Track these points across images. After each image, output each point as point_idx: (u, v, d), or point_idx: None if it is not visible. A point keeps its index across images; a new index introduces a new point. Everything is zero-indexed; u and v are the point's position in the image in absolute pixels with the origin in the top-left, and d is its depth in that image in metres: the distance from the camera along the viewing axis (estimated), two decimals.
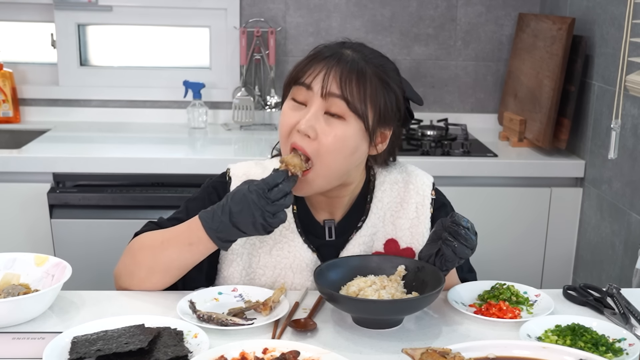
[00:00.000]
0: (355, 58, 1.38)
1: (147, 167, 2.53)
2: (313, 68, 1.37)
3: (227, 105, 3.10)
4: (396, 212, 1.52)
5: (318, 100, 1.35)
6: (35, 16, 3.04)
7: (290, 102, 1.40)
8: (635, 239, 2.28)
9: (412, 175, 1.54)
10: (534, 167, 2.66)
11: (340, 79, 1.34)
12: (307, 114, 1.35)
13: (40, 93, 3.06)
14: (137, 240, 1.47)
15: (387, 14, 3.09)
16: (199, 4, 3.04)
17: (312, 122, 1.34)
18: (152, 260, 1.42)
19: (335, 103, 1.35)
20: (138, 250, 1.44)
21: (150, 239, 1.45)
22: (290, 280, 1.50)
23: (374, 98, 1.37)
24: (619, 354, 1.23)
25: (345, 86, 1.34)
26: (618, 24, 2.39)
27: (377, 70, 1.39)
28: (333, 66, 1.35)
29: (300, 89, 1.37)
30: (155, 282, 1.44)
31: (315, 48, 1.42)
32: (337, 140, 1.35)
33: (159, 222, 1.52)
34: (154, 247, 1.42)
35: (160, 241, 1.42)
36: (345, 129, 1.36)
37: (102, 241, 2.47)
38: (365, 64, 1.38)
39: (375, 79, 1.38)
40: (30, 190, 2.50)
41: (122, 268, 1.47)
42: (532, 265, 2.73)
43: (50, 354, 1.16)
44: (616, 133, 2.12)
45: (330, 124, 1.36)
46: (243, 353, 1.15)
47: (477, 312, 1.38)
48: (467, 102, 3.20)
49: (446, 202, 1.58)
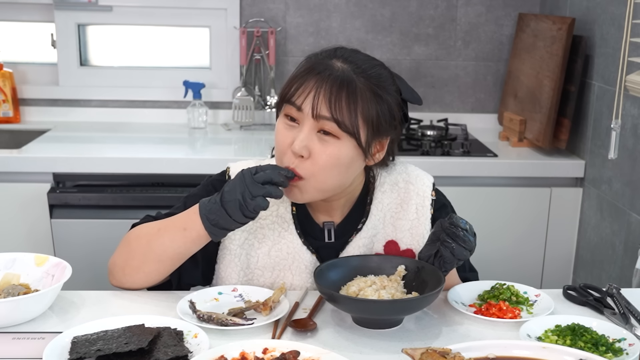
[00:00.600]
0: (345, 71, 1.35)
1: (147, 167, 2.53)
2: (303, 87, 1.35)
3: (227, 105, 3.10)
4: (396, 213, 1.52)
5: (310, 120, 1.35)
6: (35, 16, 3.04)
7: (283, 119, 1.39)
8: (635, 239, 2.28)
9: (412, 176, 1.54)
10: (534, 167, 2.66)
11: (330, 100, 1.33)
12: (300, 133, 1.35)
13: (40, 93, 3.06)
14: (134, 230, 1.48)
15: (387, 14, 3.09)
16: (199, 4, 3.04)
17: (306, 142, 1.34)
18: (147, 248, 1.41)
19: (326, 124, 1.34)
20: (134, 239, 1.45)
21: (147, 228, 1.45)
22: (289, 281, 1.50)
23: (365, 113, 1.35)
24: (619, 354, 1.23)
25: (335, 107, 1.33)
26: (618, 24, 2.39)
27: (368, 83, 1.36)
28: (322, 85, 1.34)
29: (292, 108, 1.37)
30: (148, 272, 1.43)
31: (307, 60, 1.41)
32: (331, 158, 1.34)
33: (157, 216, 1.53)
34: (150, 235, 1.42)
35: (157, 229, 1.42)
36: (339, 147, 1.35)
37: (102, 241, 2.47)
38: (355, 76, 1.35)
39: (366, 92, 1.35)
40: (30, 190, 2.50)
41: (116, 257, 1.47)
42: (532, 265, 2.73)
43: (50, 354, 1.16)
44: (616, 133, 2.12)
45: (323, 142, 1.34)
46: (243, 353, 1.15)
47: (477, 312, 1.38)
48: (467, 102, 3.20)
49: (446, 203, 1.58)
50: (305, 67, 1.39)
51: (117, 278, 1.47)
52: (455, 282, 1.51)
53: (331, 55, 1.40)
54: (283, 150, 1.37)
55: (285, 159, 1.37)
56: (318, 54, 1.42)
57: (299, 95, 1.35)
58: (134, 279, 1.44)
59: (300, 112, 1.35)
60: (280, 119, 1.40)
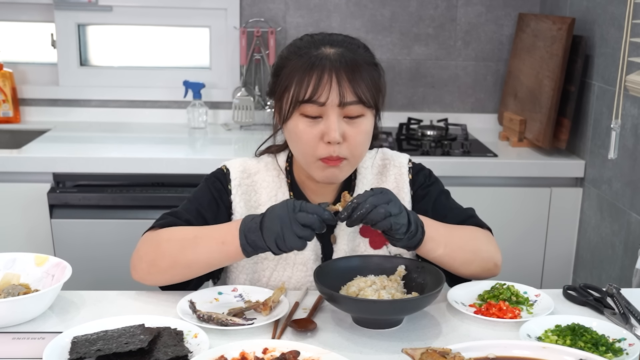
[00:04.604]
0: (344, 54, 1.41)
1: (147, 167, 2.53)
2: (318, 84, 1.38)
3: (227, 105, 3.10)
4: (378, 184, 1.57)
5: (335, 110, 1.39)
6: (35, 16, 3.05)
7: (302, 118, 1.41)
8: (635, 239, 2.28)
9: (388, 154, 1.63)
10: (534, 167, 2.66)
11: (352, 84, 1.39)
12: (329, 124, 1.39)
13: (40, 93, 3.06)
14: (165, 231, 1.45)
15: (387, 14, 3.09)
16: (199, 4, 3.04)
17: (340, 130, 1.40)
18: (179, 252, 1.40)
19: (351, 109, 1.40)
20: (166, 241, 1.43)
21: (182, 232, 1.44)
22: (292, 261, 1.51)
23: (376, 83, 1.44)
24: (619, 354, 1.23)
25: (358, 90, 1.40)
26: (618, 24, 2.39)
27: (363, 56, 1.44)
28: (338, 74, 1.38)
29: (312, 106, 1.39)
30: (174, 275, 1.42)
31: (299, 58, 1.41)
32: (362, 135, 1.43)
33: (177, 213, 1.50)
34: (185, 240, 1.41)
35: (193, 235, 1.42)
36: (365, 123, 1.43)
37: (102, 241, 2.47)
38: (354, 55, 1.42)
39: (367, 65, 1.43)
40: (30, 190, 2.50)
41: (143, 254, 1.45)
42: (532, 265, 2.73)
43: (50, 354, 1.16)
44: (616, 133, 2.12)
45: (352, 123, 1.42)
46: (243, 353, 1.15)
47: (477, 312, 1.38)
48: (467, 102, 3.20)
49: (424, 168, 1.62)
50: (303, 65, 1.40)
51: (140, 275, 1.45)
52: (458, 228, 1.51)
53: (316, 45, 1.43)
54: (313, 145, 1.41)
55: (319, 151, 1.41)
56: (297, 50, 1.43)
57: (320, 93, 1.38)
58: (158, 279, 1.44)
59: (323, 107, 1.39)
60: (296, 120, 1.41)
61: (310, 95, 1.38)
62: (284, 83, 1.43)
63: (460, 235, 1.49)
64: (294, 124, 1.42)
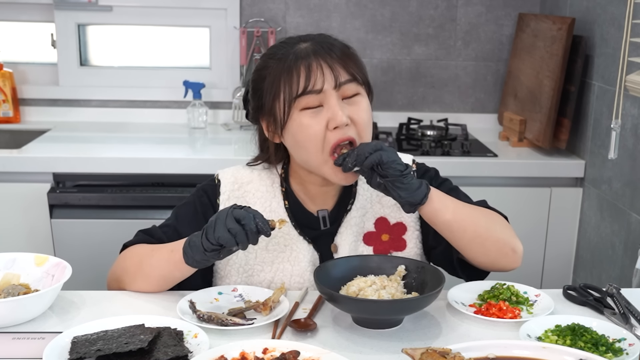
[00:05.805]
0: (321, 42, 1.43)
1: (147, 167, 2.53)
2: (309, 74, 1.38)
3: (227, 105, 3.10)
4: None
5: (333, 93, 1.39)
6: (35, 16, 3.05)
7: (303, 113, 1.40)
8: (635, 239, 2.28)
9: None
10: (534, 167, 2.66)
11: (340, 63, 1.40)
12: (332, 108, 1.39)
13: (40, 93, 3.06)
14: (130, 248, 1.51)
15: (387, 14, 3.09)
16: (199, 4, 3.04)
17: (344, 112, 1.39)
18: (137, 267, 1.45)
19: (347, 88, 1.41)
20: (129, 257, 1.49)
21: (141, 248, 1.49)
22: (289, 272, 1.51)
23: (360, 62, 1.46)
24: (619, 354, 1.23)
25: (347, 66, 1.41)
26: (618, 24, 2.39)
27: (339, 41, 1.46)
28: (323, 58, 1.40)
29: (309, 96, 1.39)
30: (138, 289, 1.46)
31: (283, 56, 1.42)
32: (366, 112, 1.43)
33: (150, 231, 1.54)
34: (143, 255, 1.45)
35: (151, 249, 1.46)
36: (363, 100, 1.44)
37: (102, 241, 2.47)
38: (330, 41, 1.44)
39: (346, 48, 1.45)
40: (30, 190, 2.50)
41: (112, 272, 1.52)
42: (532, 265, 2.73)
43: (50, 354, 1.16)
44: (616, 133, 2.12)
45: (352, 104, 1.42)
46: (243, 353, 1.15)
47: (477, 312, 1.38)
48: (467, 102, 3.19)
49: (430, 169, 1.61)
50: (287, 63, 1.40)
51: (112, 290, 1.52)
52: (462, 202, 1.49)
53: (290, 45, 1.44)
54: (321, 137, 1.40)
55: (332, 138, 1.39)
56: (273, 55, 1.44)
57: (314, 80, 1.38)
58: None
59: (321, 94, 1.39)
60: (298, 117, 1.40)
61: (304, 86, 1.38)
62: (270, 92, 1.42)
63: (472, 208, 1.47)
64: (296, 123, 1.40)
